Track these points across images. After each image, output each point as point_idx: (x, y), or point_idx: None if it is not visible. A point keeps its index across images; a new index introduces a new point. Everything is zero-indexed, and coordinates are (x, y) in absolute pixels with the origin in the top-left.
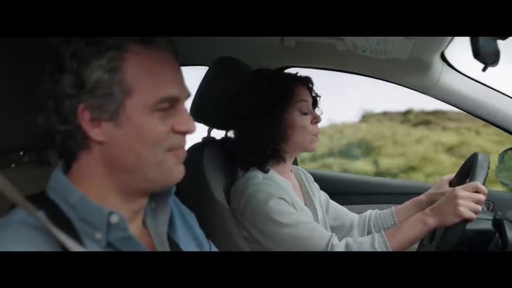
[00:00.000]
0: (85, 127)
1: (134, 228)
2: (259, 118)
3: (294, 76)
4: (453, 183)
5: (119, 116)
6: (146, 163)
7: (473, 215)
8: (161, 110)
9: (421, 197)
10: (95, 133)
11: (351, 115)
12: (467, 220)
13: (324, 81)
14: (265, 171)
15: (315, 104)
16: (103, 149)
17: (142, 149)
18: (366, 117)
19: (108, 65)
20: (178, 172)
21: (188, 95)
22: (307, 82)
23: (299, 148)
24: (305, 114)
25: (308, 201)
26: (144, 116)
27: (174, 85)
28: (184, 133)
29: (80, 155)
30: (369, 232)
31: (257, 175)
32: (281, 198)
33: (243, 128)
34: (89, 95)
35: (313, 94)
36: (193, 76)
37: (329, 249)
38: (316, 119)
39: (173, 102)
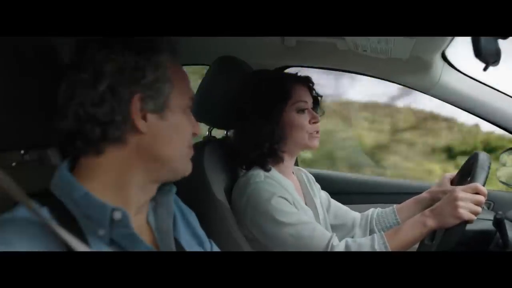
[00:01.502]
0: (134, 117)
1: (138, 224)
2: (257, 117)
3: (293, 76)
4: (455, 181)
5: (164, 109)
6: (177, 154)
7: (473, 217)
8: (188, 109)
9: (423, 194)
10: (141, 124)
11: None
12: (466, 222)
13: None
14: (267, 170)
15: (316, 103)
16: (141, 141)
17: (177, 141)
18: None
19: (164, 63)
20: (190, 167)
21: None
22: (307, 82)
23: (299, 147)
24: (303, 113)
25: (309, 201)
26: (181, 113)
27: (192, 90)
28: (194, 135)
29: (109, 149)
30: (371, 231)
31: (259, 174)
32: (283, 197)
33: (242, 127)
34: (147, 87)
35: (314, 94)
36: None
37: (328, 250)
38: (314, 119)
39: (191, 105)
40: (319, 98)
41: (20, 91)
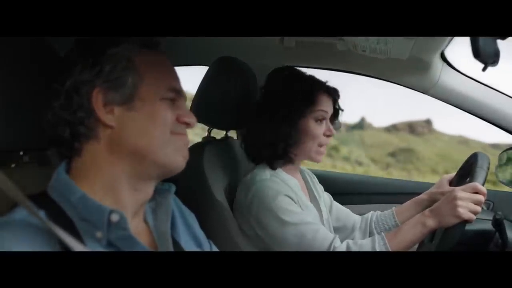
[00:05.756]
0: (97, 110)
1: (136, 226)
2: (277, 116)
3: (322, 84)
4: (454, 182)
5: (132, 100)
6: (155, 145)
7: (472, 216)
8: (168, 99)
9: (422, 196)
10: (107, 118)
11: None
12: (466, 221)
13: None
14: (273, 168)
15: (335, 116)
16: (113, 135)
17: (152, 131)
18: None
19: (123, 54)
20: (182, 156)
21: (185, 98)
22: (334, 94)
23: (305, 156)
24: (321, 123)
25: (314, 201)
26: (156, 102)
27: (177, 81)
28: (186, 124)
29: (85, 148)
30: (370, 234)
31: (265, 172)
32: (288, 196)
33: (259, 123)
34: (105, 80)
35: (337, 107)
36: (193, 76)
37: (330, 251)
38: (329, 132)
39: (177, 95)
40: (340, 111)
41: (20, 93)
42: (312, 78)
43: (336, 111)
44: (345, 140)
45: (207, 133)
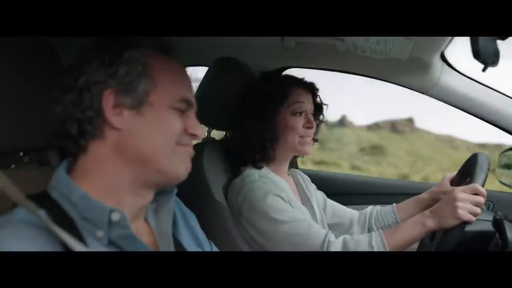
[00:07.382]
0: (107, 112)
1: (137, 227)
2: (251, 115)
3: (295, 79)
4: (455, 182)
5: (142, 105)
6: (159, 153)
7: (472, 218)
8: (179, 109)
9: (423, 195)
10: (115, 120)
11: None
12: (466, 223)
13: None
14: (259, 168)
15: (319, 111)
16: (119, 137)
17: (158, 138)
18: None
19: (139, 58)
20: (185, 167)
21: (196, 108)
22: (310, 88)
23: (291, 150)
24: (299, 116)
25: (305, 201)
26: (166, 110)
27: (190, 92)
28: (193, 136)
29: (91, 146)
30: (369, 229)
31: (254, 173)
32: (278, 195)
33: (237, 124)
34: (118, 82)
35: (318, 101)
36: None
37: (325, 246)
38: (309, 124)
39: (188, 106)
40: (323, 106)
41: (20, 93)
42: (284, 76)
43: (319, 105)
44: None
45: (206, 134)
